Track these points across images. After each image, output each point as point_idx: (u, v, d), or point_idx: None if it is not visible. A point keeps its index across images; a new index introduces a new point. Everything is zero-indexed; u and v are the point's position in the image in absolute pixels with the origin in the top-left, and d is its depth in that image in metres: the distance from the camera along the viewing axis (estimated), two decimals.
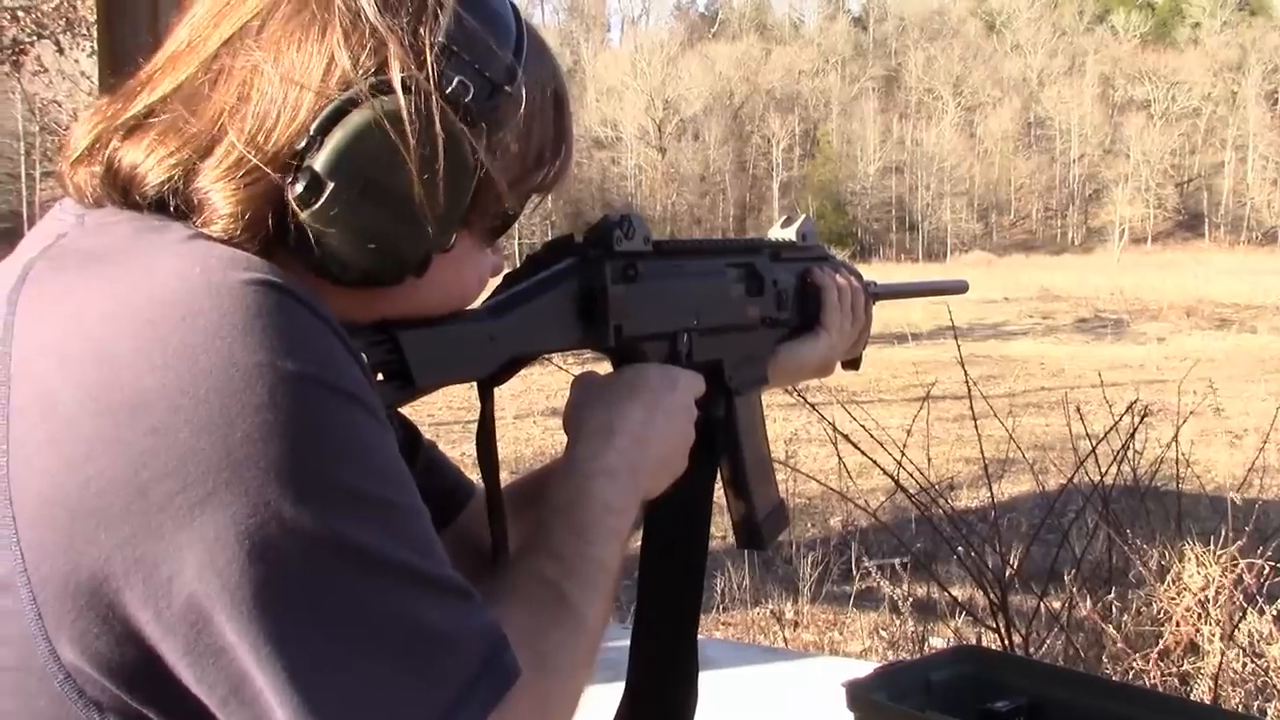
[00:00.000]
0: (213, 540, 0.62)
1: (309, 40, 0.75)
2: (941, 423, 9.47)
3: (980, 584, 3.97)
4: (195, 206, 0.74)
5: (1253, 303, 27.83)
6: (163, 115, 0.76)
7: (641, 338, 1.07)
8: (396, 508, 0.70)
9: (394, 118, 0.74)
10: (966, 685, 1.81)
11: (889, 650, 4.85)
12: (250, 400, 0.63)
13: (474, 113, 0.78)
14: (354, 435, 0.68)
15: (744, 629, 5.59)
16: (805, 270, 1.34)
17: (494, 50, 0.81)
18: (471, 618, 0.72)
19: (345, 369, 0.69)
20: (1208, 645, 3.52)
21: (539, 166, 0.89)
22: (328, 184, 0.73)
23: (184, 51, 0.78)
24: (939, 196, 77.11)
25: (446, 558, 0.72)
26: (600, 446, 0.97)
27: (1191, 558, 3.71)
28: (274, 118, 0.74)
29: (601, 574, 0.90)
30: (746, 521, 1.23)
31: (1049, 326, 23.54)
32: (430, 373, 0.87)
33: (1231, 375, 13.85)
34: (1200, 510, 4.88)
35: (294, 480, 0.64)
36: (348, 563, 0.65)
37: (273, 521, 0.63)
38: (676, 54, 79.31)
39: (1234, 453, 9.06)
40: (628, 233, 1.04)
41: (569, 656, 0.83)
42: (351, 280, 0.78)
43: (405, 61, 0.75)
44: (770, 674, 2.52)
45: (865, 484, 6.33)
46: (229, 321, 0.65)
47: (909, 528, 6.06)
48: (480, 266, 0.91)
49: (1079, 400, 4.83)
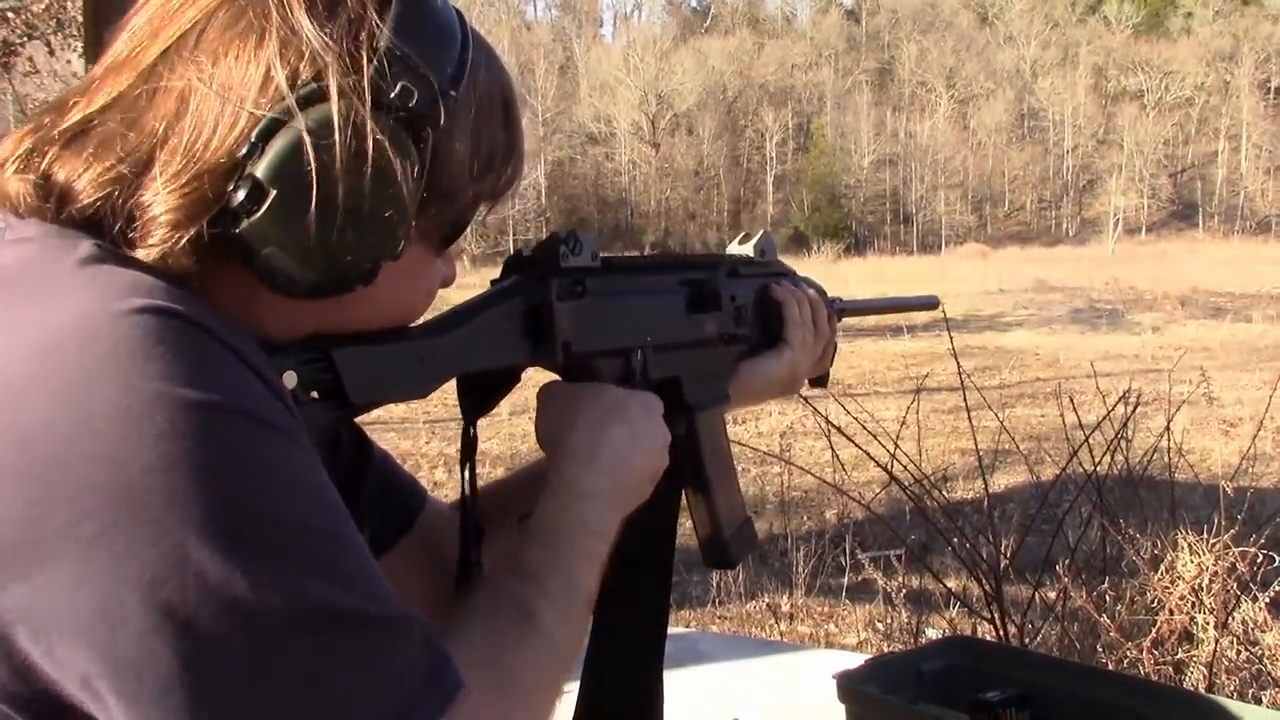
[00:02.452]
0: (110, 576, 0.60)
1: (246, 49, 0.74)
2: (937, 415, 9.47)
3: (975, 575, 3.98)
4: (134, 220, 0.73)
5: (1247, 292, 27.85)
6: (101, 127, 0.75)
7: (592, 354, 1.05)
8: (314, 536, 0.67)
9: (333, 125, 0.73)
10: (958, 676, 1.81)
11: (884, 642, 4.85)
12: (150, 430, 0.62)
13: (418, 119, 0.78)
14: (264, 462, 0.66)
15: (739, 622, 5.59)
16: (764, 286, 1.32)
17: (438, 56, 0.80)
18: (400, 650, 0.69)
19: (253, 394, 0.67)
20: (1202, 633, 3.53)
21: (489, 173, 0.88)
22: (269, 192, 0.73)
23: (123, 62, 0.77)
24: (933, 189, 77.06)
25: (374, 578, 0.71)
26: (584, 468, 0.97)
27: (1185, 546, 3.71)
28: (213, 128, 0.73)
29: (576, 595, 0.90)
30: (713, 540, 1.21)
31: (1044, 318, 23.54)
32: (367, 391, 0.86)
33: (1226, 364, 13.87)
34: (1194, 499, 4.88)
35: (199, 512, 0.62)
36: (259, 603, 0.63)
37: (175, 555, 0.61)
38: (669, 49, 79.15)
39: (1228, 441, 9.06)
40: (574, 249, 1.03)
41: (534, 676, 0.82)
42: (299, 291, 0.77)
43: (344, 68, 0.74)
44: (765, 667, 2.51)
45: (860, 477, 6.34)
46: (126, 350, 0.63)
47: (904, 520, 6.06)
48: (431, 276, 0.90)
49: (1073, 391, 4.84)
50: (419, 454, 9.91)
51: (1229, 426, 9.93)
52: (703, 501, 1.20)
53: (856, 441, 4.20)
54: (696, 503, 1.20)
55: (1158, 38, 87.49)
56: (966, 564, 4.06)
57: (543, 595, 0.87)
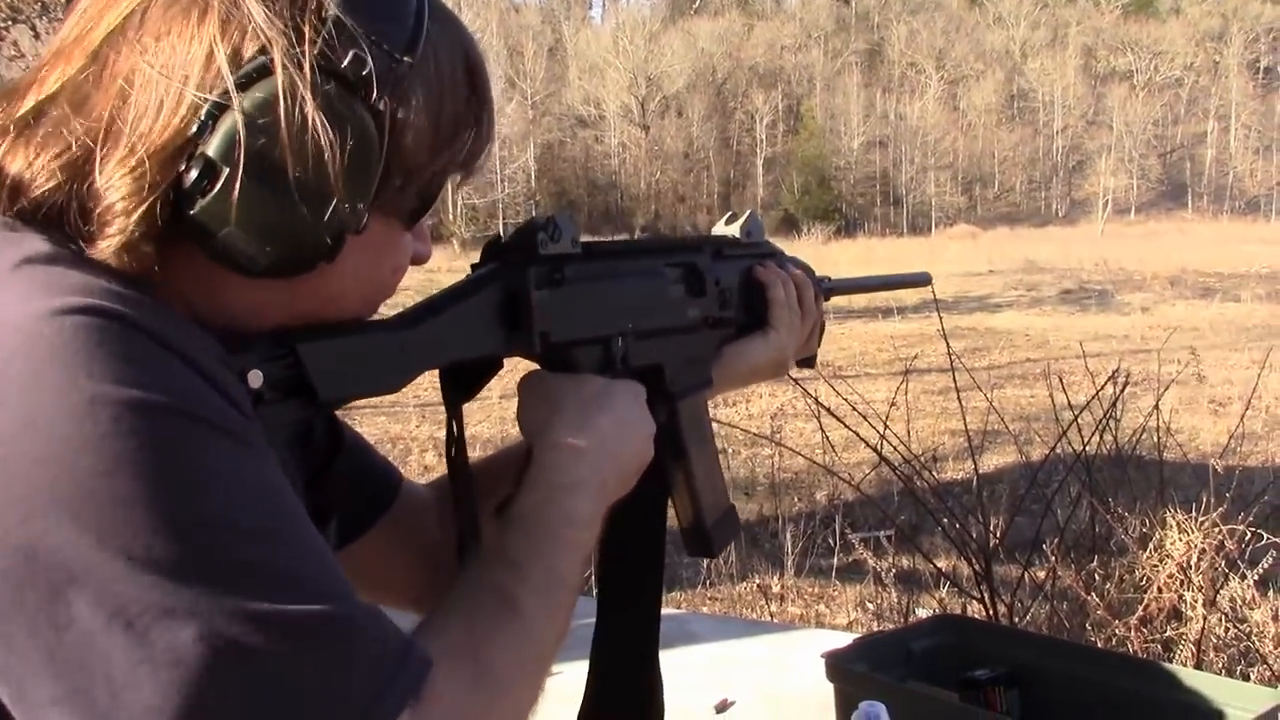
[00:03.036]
0: (56, 579, 0.60)
1: (189, 26, 0.72)
2: (927, 395, 9.50)
3: (964, 554, 3.99)
4: (89, 211, 0.72)
5: (1236, 271, 27.94)
6: (50, 114, 0.74)
7: (571, 343, 1.03)
8: (261, 540, 0.66)
9: (284, 97, 0.71)
10: (947, 654, 1.82)
11: (874, 622, 4.87)
12: (94, 430, 0.61)
13: (373, 86, 0.75)
14: (209, 465, 0.65)
15: (730, 603, 5.61)
16: (749, 267, 1.29)
17: (390, 23, 0.78)
18: (356, 647, 0.68)
19: (196, 395, 0.66)
20: (1190, 611, 3.55)
21: (454, 141, 0.85)
22: (222, 170, 0.71)
23: (70, 46, 0.75)
24: (923, 170, 77.01)
25: (326, 577, 0.69)
26: (570, 459, 0.95)
27: (1174, 525, 3.73)
28: (159, 108, 0.71)
29: (559, 587, 0.89)
30: (695, 528, 1.19)
31: (1034, 298, 23.58)
32: (336, 386, 0.84)
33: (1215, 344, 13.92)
34: (1183, 478, 4.90)
35: (145, 517, 0.61)
36: (207, 609, 0.62)
37: (121, 558, 0.60)
38: (658, 31, 78.87)
39: (1217, 420, 9.11)
40: (553, 235, 1.00)
41: (515, 668, 0.81)
42: (260, 270, 0.75)
43: (289, 40, 0.72)
44: (756, 647, 2.52)
45: (850, 458, 6.36)
46: (67, 352, 0.62)
47: (893, 500, 6.08)
48: (399, 251, 0.88)
49: (1063, 371, 4.85)
50: (409, 438, 9.91)
51: (1218, 406, 9.98)
52: (685, 489, 1.18)
53: (847, 423, 4.21)
54: (679, 491, 1.18)
55: (1147, 18, 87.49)
56: (956, 544, 4.08)
57: (524, 584, 0.85)
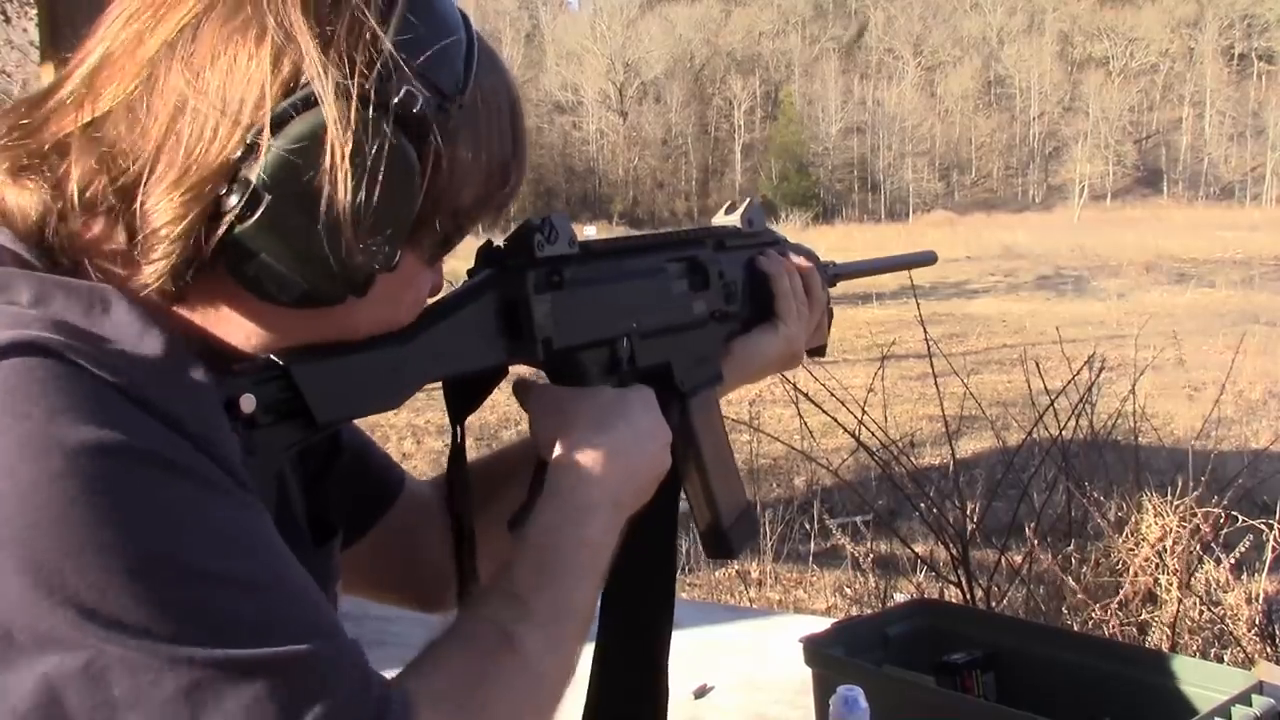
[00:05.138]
0: (4, 628, 0.59)
1: (243, 49, 0.71)
2: (905, 381, 9.52)
3: (942, 539, 4.02)
4: (134, 228, 0.71)
5: (1211, 257, 28.14)
6: (103, 132, 0.72)
7: (575, 348, 0.99)
8: (216, 578, 0.64)
9: (334, 128, 0.70)
10: (923, 638, 1.82)
11: (852, 607, 4.89)
12: (43, 471, 0.60)
13: (422, 125, 0.74)
14: (167, 504, 0.63)
15: (709, 589, 5.62)
16: (753, 258, 1.24)
17: (443, 60, 0.77)
18: (329, 686, 0.66)
19: (149, 434, 0.64)
20: (1165, 594, 3.58)
21: (493, 182, 0.84)
22: (264, 197, 0.70)
23: (122, 57, 0.74)
24: (901, 156, 77.24)
25: (295, 615, 0.67)
26: (583, 478, 0.92)
27: (1150, 509, 3.76)
28: (211, 133, 0.70)
29: (568, 618, 0.86)
30: (713, 529, 1.15)
31: (1010, 284, 23.68)
32: (333, 408, 0.81)
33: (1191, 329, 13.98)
34: (1159, 462, 4.93)
35: (95, 558, 0.60)
36: (164, 653, 0.60)
37: (70, 605, 0.59)
38: (636, 16, 78.75)
39: (1192, 405, 9.15)
40: (550, 236, 0.96)
41: (510, 709, 0.79)
42: (290, 299, 0.74)
43: (344, 70, 0.71)
44: (734, 633, 2.53)
45: (828, 444, 6.37)
46: (12, 392, 0.61)
47: (871, 486, 6.10)
48: (420, 286, 0.86)
49: (1039, 357, 4.86)
50: (387, 425, 9.86)
51: (1193, 391, 10.03)
52: (701, 490, 1.14)
53: (825, 409, 4.22)
54: (694, 492, 1.14)
55: (1123, 4, 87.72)
56: (934, 529, 4.10)
57: (527, 620, 0.82)
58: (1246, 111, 79.64)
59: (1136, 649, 1.66)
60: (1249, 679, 1.54)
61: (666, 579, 1.13)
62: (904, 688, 1.63)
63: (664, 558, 1.12)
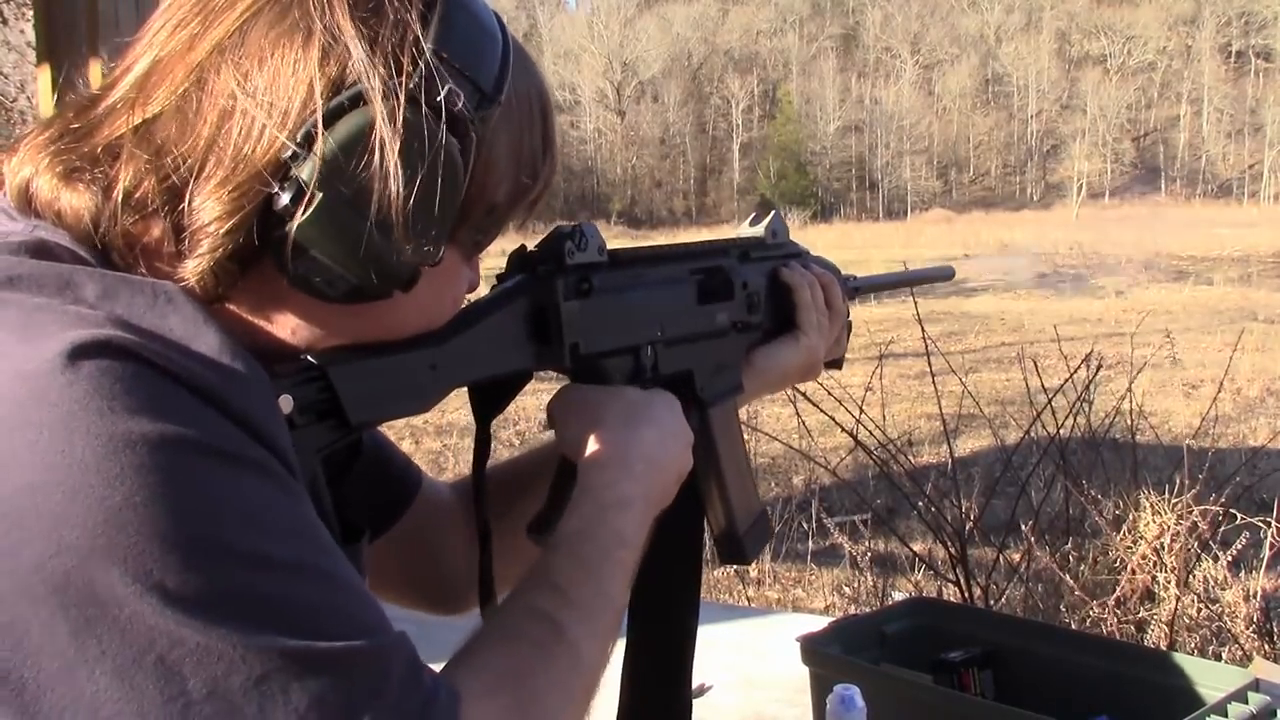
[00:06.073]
0: (90, 614, 0.59)
1: (291, 51, 0.73)
2: (903, 380, 9.54)
3: (940, 538, 4.02)
4: (182, 231, 0.72)
5: (1209, 255, 28.19)
6: (154, 134, 0.74)
7: (602, 354, 1.01)
8: (282, 574, 0.65)
9: (383, 126, 0.72)
10: (921, 637, 1.83)
11: (851, 606, 4.88)
12: (125, 464, 0.61)
13: (463, 123, 0.76)
14: (238, 496, 0.65)
15: (708, 588, 5.61)
16: (775, 269, 1.26)
17: (482, 60, 0.79)
18: (381, 681, 0.67)
19: (207, 426, 0.65)
20: (1163, 592, 3.58)
21: (528, 178, 0.86)
22: (316, 195, 0.71)
23: (172, 60, 0.75)
24: (898, 155, 77.26)
25: (352, 610, 0.68)
26: (614, 476, 0.93)
27: (1147, 506, 3.76)
28: (260, 133, 0.72)
29: (607, 609, 0.87)
30: (728, 535, 1.16)
31: (1009, 282, 23.67)
32: (367, 409, 0.83)
33: (1189, 327, 14.01)
34: (1156, 460, 4.93)
35: (177, 547, 0.61)
36: (241, 648, 0.62)
37: (153, 591, 0.60)
38: (633, 16, 78.80)
39: (1190, 402, 9.17)
40: (580, 244, 0.98)
41: (561, 697, 0.80)
42: (338, 295, 0.76)
43: (390, 69, 0.73)
44: (733, 631, 2.53)
45: (826, 443, 6.37)
46: (91, 393, 0.62)
47: (869, 485, 6.10)
48: (460, 283, 0.88)
49: (1037, 355, 4.87)
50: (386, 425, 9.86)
51: (1190, 388, 10.05)
52: (718, 496, 1.15)
53: (823, 408, 4.22)
54: (711, 497, 1.16)
55: (1120, 2, 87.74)
56: (932, 527, 4.10)
57: (571, 610, 0.84)
58: (1244, 109, 79.69)
59: (1134, 647, 1.67)
60: (1245, 676, 1.54)
61: (691, 578, 1.15)
62: (901, 686, 1.64)
63: (689, 557, 1.14)
